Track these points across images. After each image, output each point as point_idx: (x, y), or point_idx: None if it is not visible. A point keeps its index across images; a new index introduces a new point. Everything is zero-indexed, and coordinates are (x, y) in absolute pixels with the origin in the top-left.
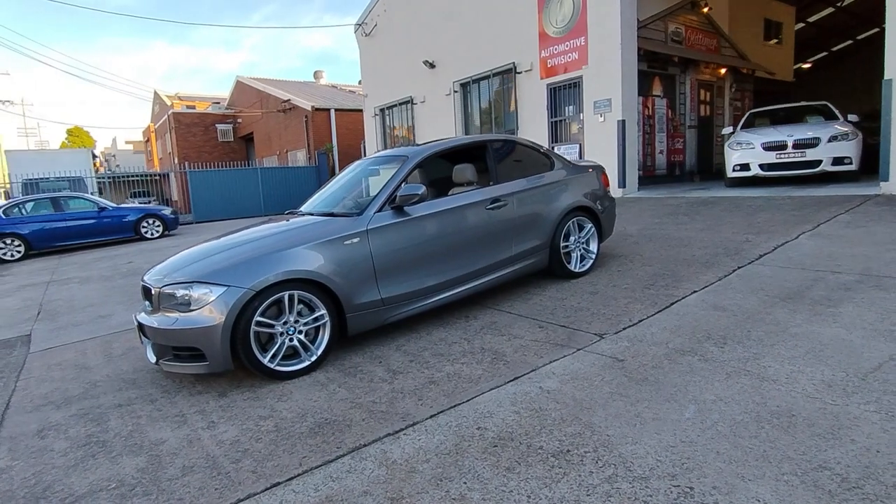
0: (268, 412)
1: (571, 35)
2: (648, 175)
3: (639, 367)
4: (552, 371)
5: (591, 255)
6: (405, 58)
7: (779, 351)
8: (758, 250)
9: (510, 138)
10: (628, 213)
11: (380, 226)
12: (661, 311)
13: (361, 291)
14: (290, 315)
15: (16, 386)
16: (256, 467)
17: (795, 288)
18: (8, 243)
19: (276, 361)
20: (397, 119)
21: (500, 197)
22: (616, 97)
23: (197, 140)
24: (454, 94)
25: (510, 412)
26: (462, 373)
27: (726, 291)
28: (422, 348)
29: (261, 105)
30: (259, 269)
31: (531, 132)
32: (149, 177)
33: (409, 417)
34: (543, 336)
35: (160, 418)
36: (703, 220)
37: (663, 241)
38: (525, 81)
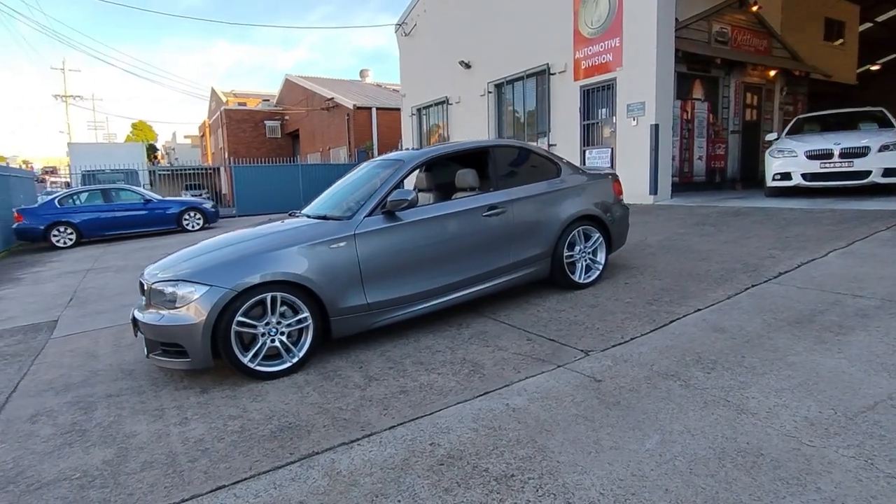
0: (239, 412)
1: (606, 35)
2: (685, 182)
3: (614, 389)
4: (525, 388)
5: (597, 265)
6: (442, 58)
7: (768, 381)
8: (779, 267)
9: (515, 144)
10: (654, 222)
11: (368, 230)
12: (657, 330)
13: (347, 295)
14: (273, 316)
15: (28, 370)
16: (209, 468)
17: (807, 311)
18: (62, 231)
19: (256, 361)
20: (433, 119)
21: (498, 204)
22: (650, 100)
23: (246, 136)
24: (488, 95)
25: (468, 429)
26: (435, 384)
27: (731, 311)
28: (405, 355)
29: (306, 103)
30: (242, 270)
31: (563, 135)
32: (201, 170)
33: (369, 427)
34: (529, 349)
35: (141, 411)
36: (731, 232)
37: (682, 252)
38: (558, 83)
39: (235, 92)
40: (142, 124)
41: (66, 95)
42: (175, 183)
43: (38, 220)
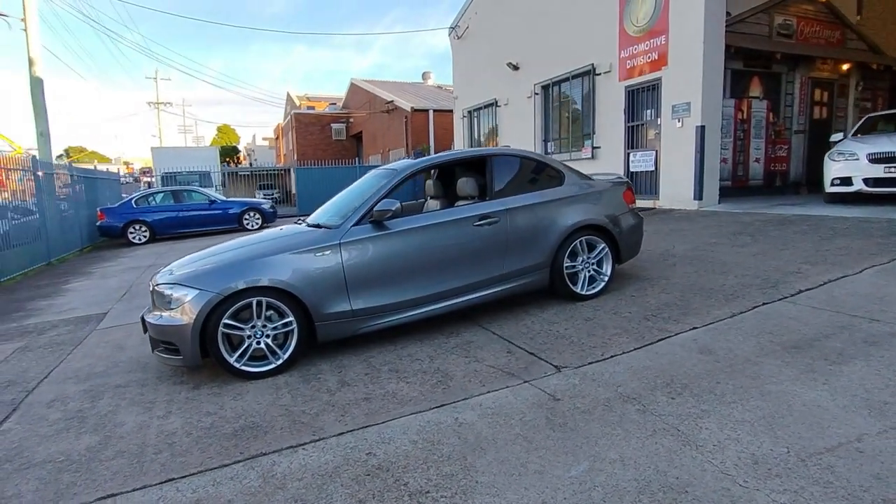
0: (216, 409)
1: (652, 34)
2: (739, 186)
3: (569, 409)
4: (481, 402)
5: (602, 277)
6: (491, 60)
7: (732, 411)
8: (802, 284)
9: (514, 152)
10: (690, 230)
11: (354, 239)
12: (642, 348)
13: (331, 302)
14: (258, 320)
15: (65, 359)
16: (168, 461)
17: (811, 335)
18: (137, 229)
19: (242, 361)
20: (483, 121)
21: (491, 213)
22: (696, 101)
23: (314, 138)
24: (535, 97)
25: (408, 441)
26: (400, 392)
27: (729, 332)
28: (385, 362)
29: (369, 106)
30: (230, 275)
31: (607, 137)
32: (271, 171)
33: (320, 432)
34: (504, 362)
35: (137, 402)
36: (766, 243)
37: (703, 264)
38: (603, 83)
39: (308, 96)
40: (226, 128)
41: (158, 102)
42: (250, 183)
43: (117, 219)
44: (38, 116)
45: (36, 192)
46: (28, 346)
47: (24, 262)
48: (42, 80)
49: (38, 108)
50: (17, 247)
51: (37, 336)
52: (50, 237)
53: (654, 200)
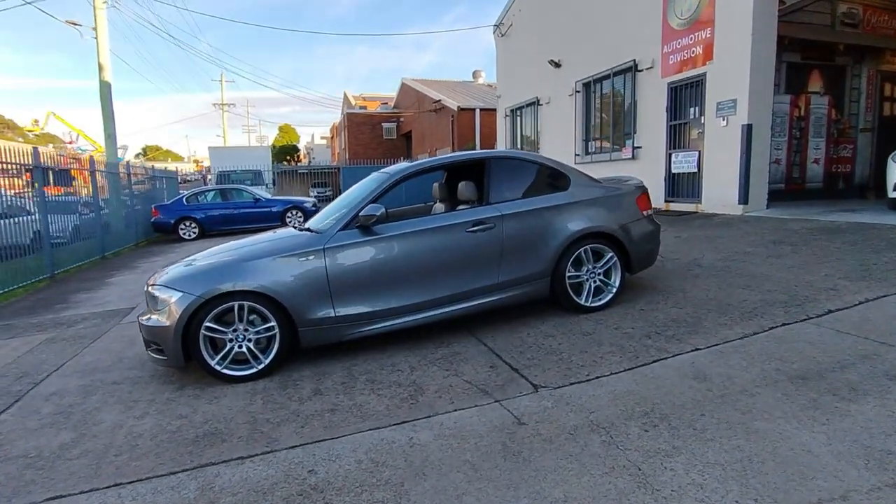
0: (188, 412)
1: (697, 26)
2: (794, 189)
3: (530, 436)
4: (443, 422)
5: (610, 288)
6: (534, 57)
7: (706, 451)
8: (833, 303)
9: (516, 155)
10: (726, 237)
11: (339, 244)
12: (632, 370)
13: (315, 307)
14: (241, 324)
15: (80, 352)
16: (124, 464)
17: (826, 364)
18: (188, 225)
19: (223, 365)
20: (526, 120)
21: (485, 219)
22: (742, 97)
23: (365, 137)
24: (576, 95)
25: (354, 460)
26: (367, 405)
27: (733, 355)
28: (365, 371)
29: (418, 105)
30: (213, 278)
31: (648, 137)
32: (322, 170)
33: (274, 444)
34: (483, 378)
35: (122, 400)
36: (807, 254)
37: (729, 277)
38: (645, 80)
39: (364, 96)
40: (287, 127)
41: (223, 104)
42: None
43: (170, 215)
44: (106, 119)
45: (93, 190)
46: (55, 337)
47: (80, 255)
48: (110, 85)
49: (105, 111)
50: (84, 240)
51: (66, 328)
52: (106, 232)
53: (695, 204)
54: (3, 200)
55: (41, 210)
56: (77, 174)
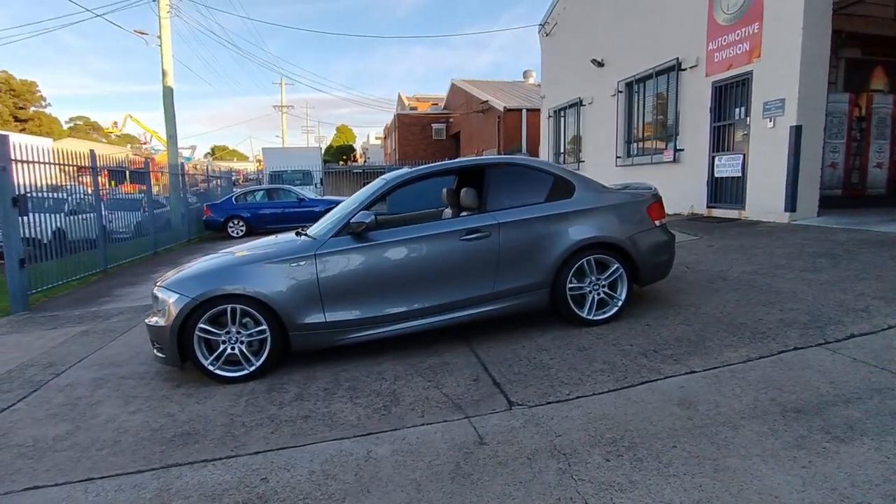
0: (176, 410)
1: (744, 21)
2: (854, 196)
3: (486, 457)
4: (406, 436)
5: (616, 301)
6: (578, 57)
7: (664, 488)
8: (858, 326)
9: (516, 161)
10: (762, 247)
11: (331, 251)
12: (616, 391)
13: (306, 312)
14: (234, 326)
15: (106, 345)
16: (101, 459)
17: (829, 397)
18: (236, 223)
19: (216, 365)
20: (569, 121)
21: (481, 227)
22: (791, 96)
23: (415, 138)
24: (618, 95)
25: (307, 471)
26: (340, 414)
27: (729, 381)
28: (350, 378)
29: (466, 106)
30: (208, 281)
31: (691, 139)
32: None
33: (241, 448)
34: (462, 391)
35: (124, 395)
36: (846, 269)
37: (752, 292)
38: (689, 79)
39: (417, 97)
40: (344, 128)
41: (282, 106)
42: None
43: (220, 214)
44: (168, 121)
45: (147, 189)
46: (89, 330)
47: (133, 251)
48: (172, 89)
49: (168, 114)
50: (143, 236)
51: (102, 321)
52: (166, 228)
53: (739, 211)
54: (72, 199)
55: (96, 208)
56: (153, 174)
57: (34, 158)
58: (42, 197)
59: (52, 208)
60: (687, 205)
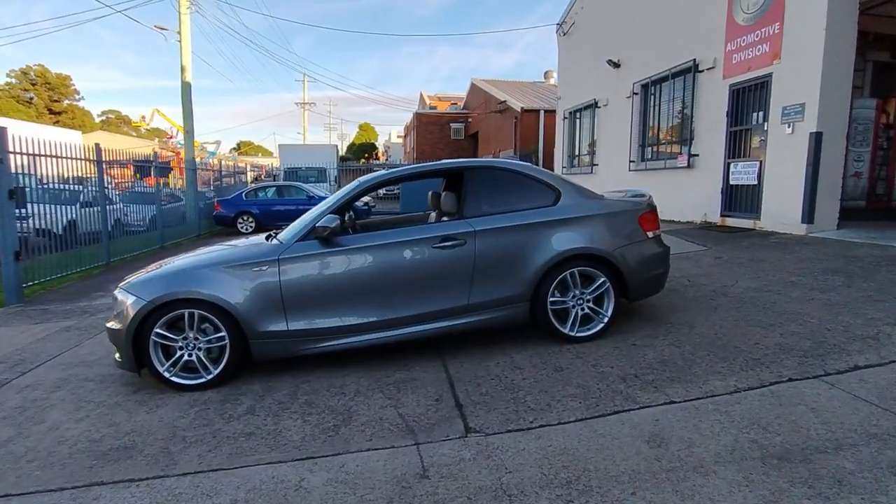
0: (123, 420)
1: (764, 22)
2: (878, 207)
3: (424, 494)
4: (345, 463)
5: (602, 317)
6: (594, 57)
7: None
8: (865, 356)
9: (497, 164)
10: (774, 261)
11: (294, 256)
12: (584, 421)
13: (267, 320)
14: (191, 332)
15: (82, 343)
16: (27, 473)
17: (819, 442)
18: (245, 219)
19: (172, 372)
20: (584, 123)
21: (455, 235)
22: (812, 101)
23: (433, 137)
24: (634, 97)
25: (230, 499)
26: (286, 432)
27: (709, 416)
28: (309, 391)
29: (485, 106)
30: (165, 284)
31: (707, 144)
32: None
33: (171, 468)
34: (420, 412)
35: (78, 399)
36: (860, 290)
37: (753, 311)
38: (706, 82)
39: (438, 96)
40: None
41: (304, 103)
42: None
43: (230, 209)
44: (186, 117)
45: (155, 184)
46: (72, 326)
47: (139, 245)
48: (190, 85)
49: (185, 110)
50: (151, 231)
51: (88, 317)
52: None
53: (753, 220)
54: (87, 192)
55: (101, 202)
56: (175, 168)
57: (33, 151)
58: (59, 189)
59: (66, 200)
60: (700, 213)
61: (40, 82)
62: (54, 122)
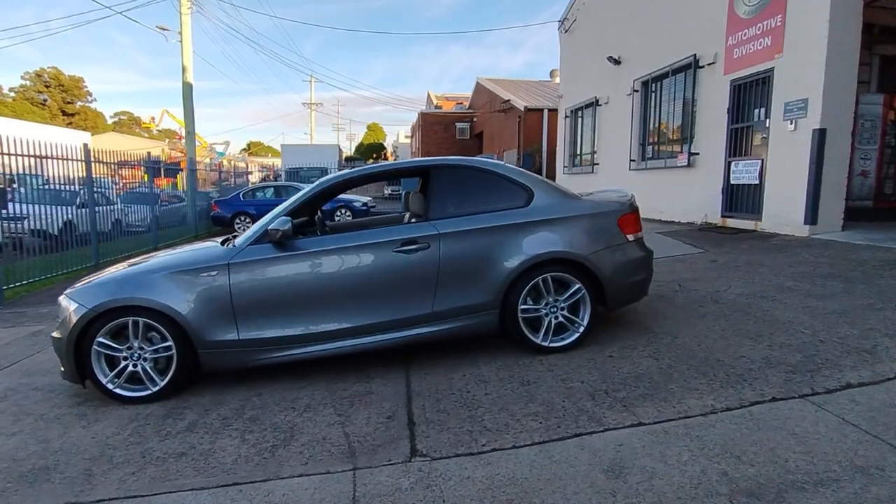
0: (56, 435)
1: (766, 14)
2: (886, 208)
3: None
4: (270, 492)
5: (577, 327)
6: (595, 55)
7: None
8: (858, 373)
9: (466, 163)
10: (771, 265)
11: (246, 261)
12: (540, 444)
13: (216, 329)
14: (135, 341)
15: (45, 349)
16: None
17: (797, 476)
18: (242, 220)
19: (116, 384)
20: (586, 122)
21: (417, 238)
22: (815, 96)
23: (438, 137)
24: (634, 95)
25: None
26: (220, 453)
27: (678, 441)
28: (258, 406)
29: (489, 105)
30: (108, 291)
31: (707, 143)
32: None
33: (85, 494)
34: (367, 432)
35: (18, 412)
36: (860, 297)
37: (743, 320)
38: (706, 77)
39: (446, 95)
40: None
41: (311, 103)
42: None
43: (228, 210)
44: (187, 117)
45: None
46: (42, 331)
47: (132, 245)
48: (192, 86)
49: (186, 110)
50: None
51: None
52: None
53: (755, 221)
54: (84, 192)
55: (90, 203)
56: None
57: (16, 151)
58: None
59: (64, 201)
60: (700, 213)
61: (54, 84)
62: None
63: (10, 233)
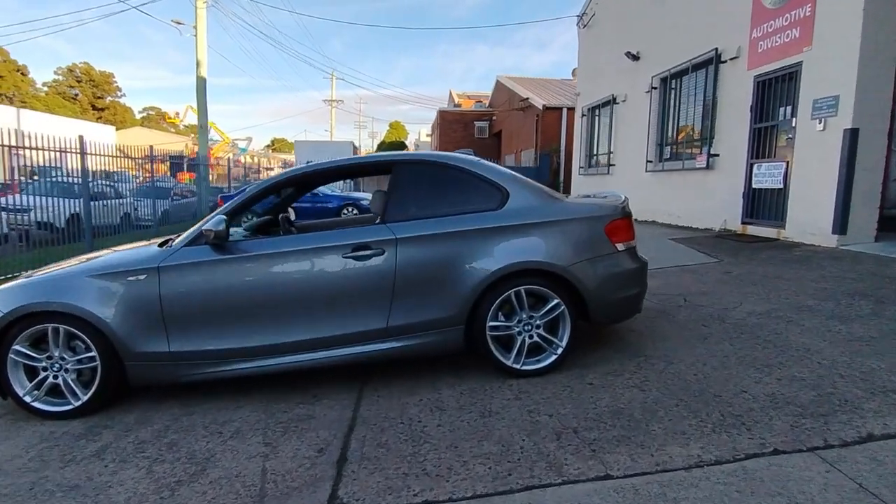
0: None
1: (794, 3)
2: None
3: None
4: None
5: (555, 348)
6: (613, 51)
7: None
8: (884, 421)
9: (432, 159)
10: (792, 279)
11: (178, 264)
12: (484, 498)
13: (144, 339)
14: (56, 350)
15: None
16: None
17: None
18: (248, 217)
19: (35, 396)
20: (603, 120)
21: (370, 243)
22: (847, 93)
23: (457, 135)
24: (653, 92)
25: None
26: (116, 487)
27: (647, 502)
28: (184, 427)
29: (508, 104)
30: (25, 295)
31: (726, 143)
32: None
33: None
34: (289, 468)
35: None
36: (892, 321)
37: (750, 345)
38: (728, 73)
39: (467, 94)
40: (396, 124)
41: (332, 100)
42: None
43: None
44: (200, 111)
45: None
46: None
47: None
48: (205, 80)
49: (200, 105)
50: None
51: None
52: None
53: (777, 229)
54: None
55: (84, 195)
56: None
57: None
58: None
59: (74, 194)
60: (719, 219)
61: (85, 79)
62: (97, 118)
63: (14, 225)
